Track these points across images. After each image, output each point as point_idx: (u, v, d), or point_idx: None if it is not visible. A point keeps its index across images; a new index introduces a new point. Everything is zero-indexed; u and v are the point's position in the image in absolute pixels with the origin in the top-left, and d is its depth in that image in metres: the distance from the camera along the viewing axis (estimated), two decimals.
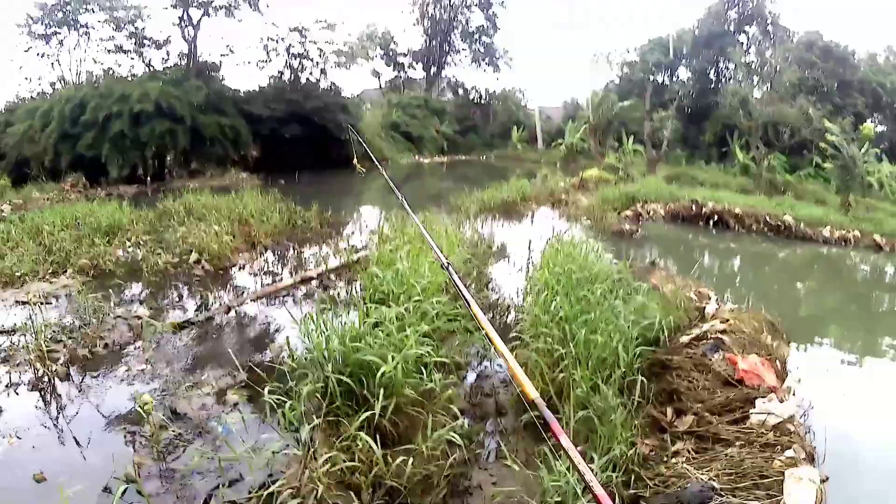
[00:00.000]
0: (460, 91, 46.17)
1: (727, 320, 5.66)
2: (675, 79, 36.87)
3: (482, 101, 44.83)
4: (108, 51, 24.53)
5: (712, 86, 33.61)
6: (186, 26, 24.45)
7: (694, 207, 15.18)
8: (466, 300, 3.04)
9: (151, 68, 24.78)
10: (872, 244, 13.63)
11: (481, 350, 5.43)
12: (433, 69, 44.88)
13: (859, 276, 11.99)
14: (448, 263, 3.53)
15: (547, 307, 5.02)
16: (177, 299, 7.24)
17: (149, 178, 19.70)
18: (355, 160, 8.09)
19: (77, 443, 3.91)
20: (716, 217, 14.76)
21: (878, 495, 3.96)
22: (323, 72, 27.21)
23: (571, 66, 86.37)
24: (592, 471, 2.34)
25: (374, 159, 7.98)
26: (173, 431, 3.92)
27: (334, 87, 27.47)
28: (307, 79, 26.93)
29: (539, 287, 5.91)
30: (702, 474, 3.29)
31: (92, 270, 8.09)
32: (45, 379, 4.80)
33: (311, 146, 25.00)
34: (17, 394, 4.59)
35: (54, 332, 5.70)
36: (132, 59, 24.99)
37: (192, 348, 5.67)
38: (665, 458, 3.62)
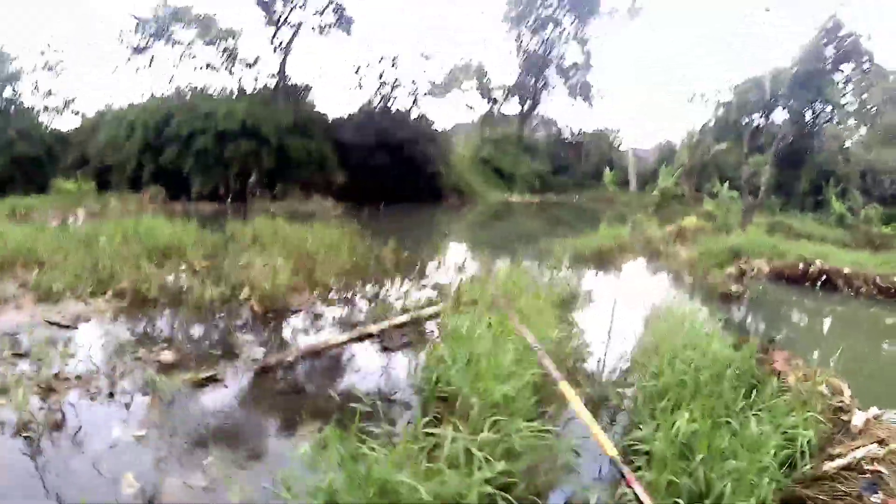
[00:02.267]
0: (553, 129, 44.94)
1: (882, 440, 3.89)
2: (769, 121, 34.19)
3: (575, 140, 43.34)
4: (200, 67, 24.87)
5: (807, 129, 30.87)
6: (278, 47, 24.41)
7: (801, 266, 13.04)
8: None
9: (241, 87, 24.88)
10: None
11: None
12: (527, 104, 43.81)
13: None
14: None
15: (674, 435, 3.52)
16: (210, 344, 6.06)
17: (230, 198, 19.37)
18: None
19: None
20: (823, 277, 12.66)
21: None
22: (415, 102, 26.51)
23: (664, 106, 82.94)
24: None
25: None
26: None
27: (425, 119, 26.67)
28: (398, 108, 26.27)
29: (649, 384, 4.51)
30: None
31: (129, 296, 7.23)
32: (35, 426, 4.00)
33: (399, 177, 24.08)
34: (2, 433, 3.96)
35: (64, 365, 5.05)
36: (223, 76, 25.28)
37: (208, 414, 4.48)
38: None
